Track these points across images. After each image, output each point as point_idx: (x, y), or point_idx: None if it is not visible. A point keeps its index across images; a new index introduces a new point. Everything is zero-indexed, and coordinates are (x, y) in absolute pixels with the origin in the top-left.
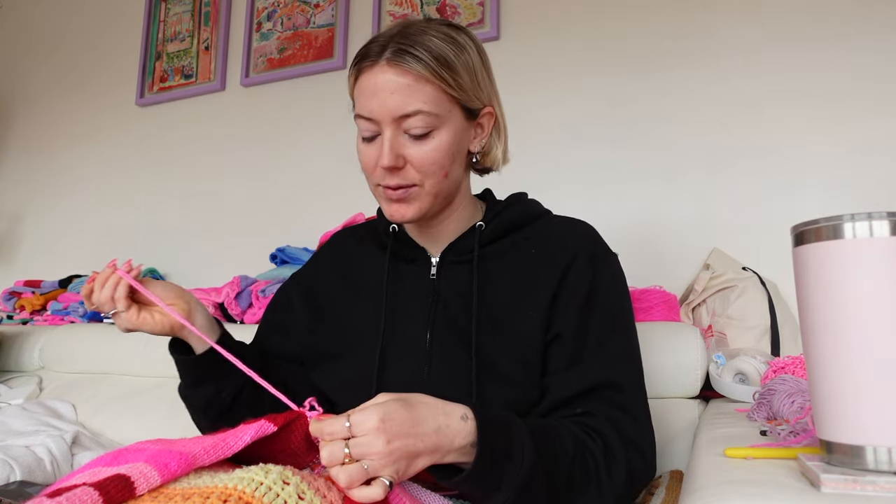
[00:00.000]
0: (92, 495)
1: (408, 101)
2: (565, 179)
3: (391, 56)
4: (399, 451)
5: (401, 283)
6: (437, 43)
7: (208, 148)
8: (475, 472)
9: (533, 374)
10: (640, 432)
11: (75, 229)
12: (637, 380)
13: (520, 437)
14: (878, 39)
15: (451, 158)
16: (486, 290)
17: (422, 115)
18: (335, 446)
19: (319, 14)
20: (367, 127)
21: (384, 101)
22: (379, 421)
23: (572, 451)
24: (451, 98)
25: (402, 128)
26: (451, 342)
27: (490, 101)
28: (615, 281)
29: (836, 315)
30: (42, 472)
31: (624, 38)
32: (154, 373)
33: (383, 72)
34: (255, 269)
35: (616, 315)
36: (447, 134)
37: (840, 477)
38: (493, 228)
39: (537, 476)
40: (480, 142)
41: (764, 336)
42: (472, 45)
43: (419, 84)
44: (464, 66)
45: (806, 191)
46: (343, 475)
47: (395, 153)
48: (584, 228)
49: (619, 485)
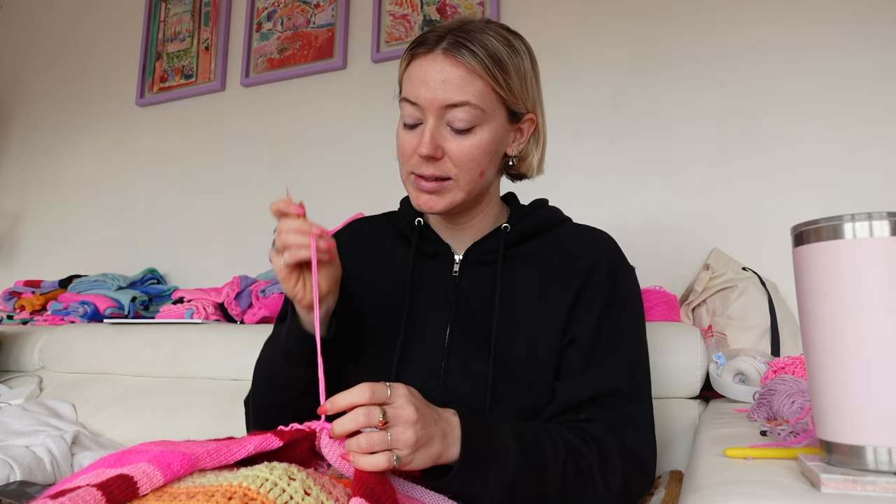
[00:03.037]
0: (95, 495)
1: (457, 93)
2: (565, 179)
3: (447, 47)
4: (424, 427)
5: (423, 278)
6: (494, 42)
7: (208, 148)
8: (461, 469)
9: (548, 377)
10: (641, 442)
11: (75, 229)
12: (643, 391)
13: (505, 437)
14: (878, 39)
15: (489, 157)
16: (507, 291)
17: (468, 108)
18: (373, 410)
19: (319, 14)
20: (411, 113)
21: (434, 89)
22: (411, 396)
23: (563, 454)
24: (499, 97)
25: (445, 119)
26: (470, 340)
27: (534, 108)
28: (631, 293)
29: (836, 315)
30: (42, 472)
31: (623, 37)
32: (154, 373)
33: (437, 61)
34: (255, 269)
35: (629, 326)
36: (489, 132)
37: (840, 477)
38: (518, 231)
39: (525, 476)
40: (518, 146)
41: (764, 336)
42: (527, 52)
43: (470, 77)
44: (515, 69)
45: (806, 191)
46: (365, 440)
47: (435, 143)
48: (605, 238)
49: (615, 492)
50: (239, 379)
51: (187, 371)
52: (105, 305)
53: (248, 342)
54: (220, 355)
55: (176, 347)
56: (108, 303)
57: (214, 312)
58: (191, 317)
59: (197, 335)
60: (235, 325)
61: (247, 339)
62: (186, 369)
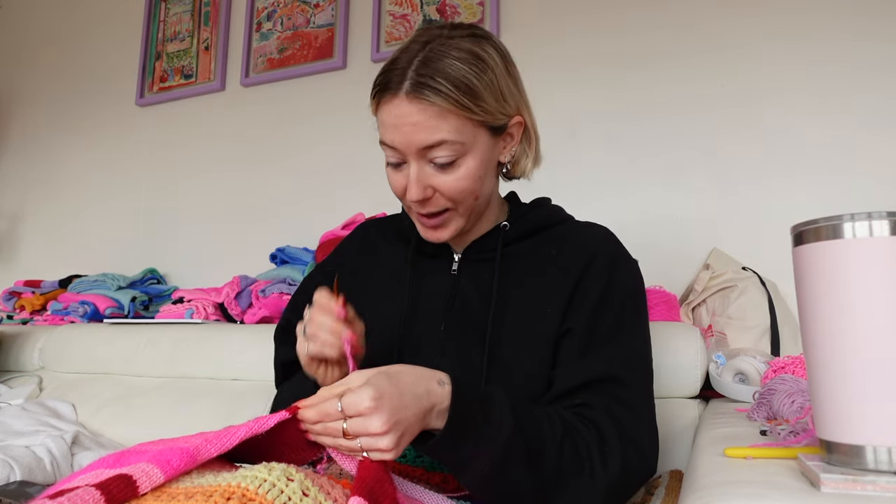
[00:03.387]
0: (94, 495)
1: (430, 134)
2: (564, 179)
3: (410, 88)
4: (395, 426)
5: (422, 276)
6: (458, 67)
7: (208, 148)
8: (447, 435)
9: (546, 370)
10: (640, 429)
11: (75, 229)
12: (643, 380)
13: (499, 408)
14: (880, 39)
15: (480, 181)
16: (505, 288)
17: (446, 145)
18: (333, 426)
19: (319, 14)
20: (392, 154)
21: (406, 133)
22: (371, 400)
23: (560, 432)
24: (476, 122)
25: (427, 157)
26: (465, 336)
27: (518, 109)
28: (631, 284)
29: (835, 315)
30: (42, 472)
31: (623, 37)
32: (154, 373)
33: (403, 105)
34: (255, 269)
35: (628, 316)
36: (473, 160)
37: (840, 477)
38: (517, 229)
39: (517, 450)
40: (511, 151)
41: (764, 336)
42: (498, 55)
43: (441, 114)
44: (487, 87)
45: (806, 190)
46: (347, 449)
47: (423, 185)
48: (604, 232)
49: (613, 475)
50: (239, 379)
51: (187, 371)
52: (105, 305)
53: (248, 342)
54: (220, 355)
55: (176, 347)
56: (108, 303)
57: (214, 312)
58: (191, 317)
59: (197, 335)
60: (235, 325)
61: (247, 339)
62: (186, 369)
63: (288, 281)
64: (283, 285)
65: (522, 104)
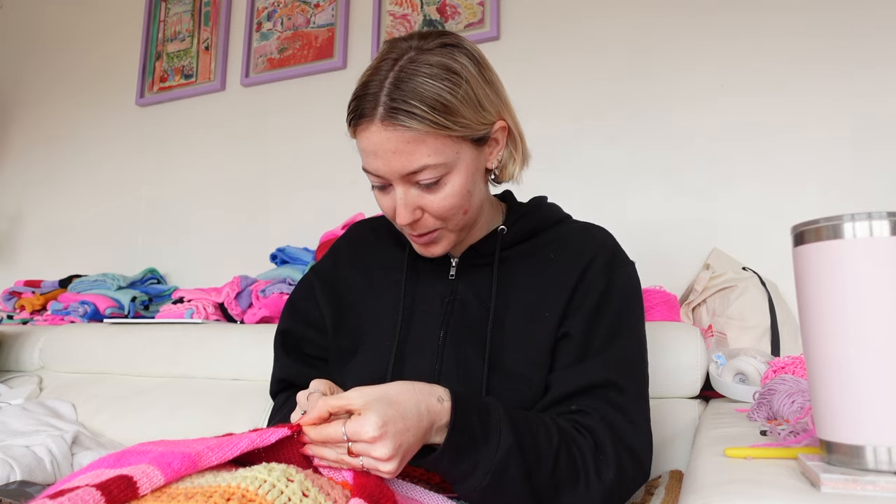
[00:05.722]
0: (94, 495)
1: (411, 159)
2: (565, 179)
3: (384, 115)
4: (398, 450)
5: (418, 281)
6: (431, 85)
7: (208, 148)
8: (447, 450)
9: (544, 375)
10: (635, 436)
11: (76, 229)
12: (639, 385)
13: (497, 420)
14: (880, 40)
15: (469, 196)
16: (504, 292)
17: (429, 169)
18: (339, 450)
19: (319, 14)
20: (376, 180)
21: (387, 160)
22: (377, 429)
23: (557, 442)
24: (457, 138)
25: (412, 181)
26: (465, 341)
27: (499, 114)
28: (628, 288)
29: (836, 315)
30: (42, 472)
31: (624, 37)
32: (154, 373)
33: (380, 132)
34: (255, 269)
35: (625, 321)
36: (459, 177)
37: (840, 477)
38: (515, 232)
39: (515, 460)
40: (497, 156)
41: (764, 336)
42: (470, 64)
43: (419, 138)
44: (464, 101)
45: (806, 190)
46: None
47: (411, 208)
48: (603, 234)
49: (608, 483)
50: (239, 379)
51: (187, 371)
52: (105, 305)
53: (248, 342)
54: (220, 355)
55: (176, 347)
56: (108, 303)
57: (214, 312)
58: (191, 317)
59: (197, 335)
60: (235, 325)
61: (247, 338)
62: (186, 369)
63: (288, 281)
64: (283, 285)
65: (503, 107)
